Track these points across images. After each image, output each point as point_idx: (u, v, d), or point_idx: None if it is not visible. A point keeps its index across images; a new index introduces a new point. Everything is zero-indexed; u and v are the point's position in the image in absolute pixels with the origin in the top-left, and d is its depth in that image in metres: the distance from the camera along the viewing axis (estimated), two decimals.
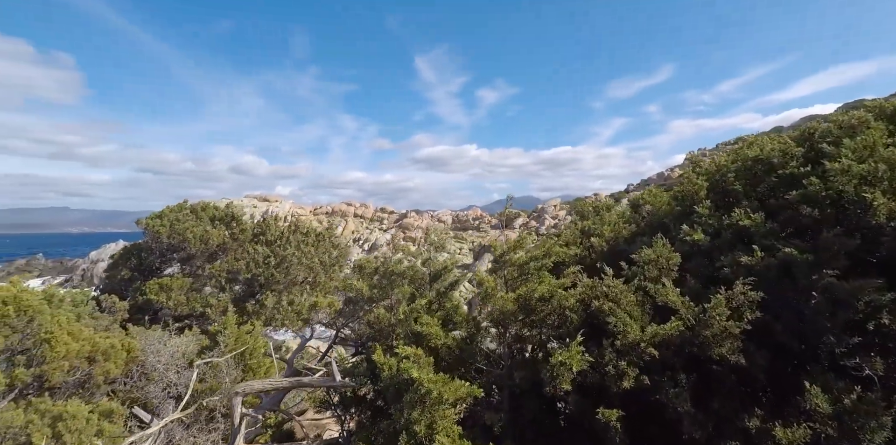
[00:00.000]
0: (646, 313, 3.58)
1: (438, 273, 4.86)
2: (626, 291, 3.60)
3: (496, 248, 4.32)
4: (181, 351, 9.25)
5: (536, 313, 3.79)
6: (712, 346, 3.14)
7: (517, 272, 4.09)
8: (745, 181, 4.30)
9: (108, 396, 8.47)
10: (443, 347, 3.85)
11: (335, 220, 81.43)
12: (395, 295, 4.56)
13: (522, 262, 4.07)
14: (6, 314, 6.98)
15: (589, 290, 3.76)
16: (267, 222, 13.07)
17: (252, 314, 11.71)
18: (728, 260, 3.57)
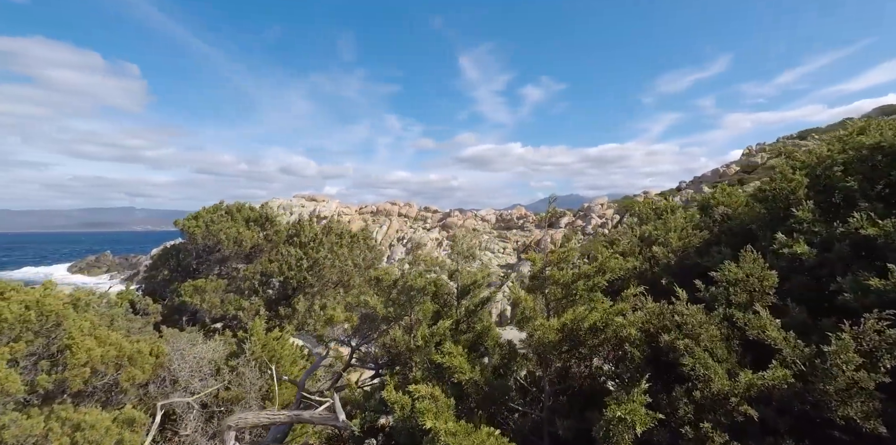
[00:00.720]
0: (733, 351, 2.71)
1: (467, 288, 4.11)
2: (707, 322, 2.74)
3: (534, 262, 3.53)
4: (207, 356, 8.92)
5: (586, 345, 2.99)
6: (834, 405, 2.26)
7: (562, 292, 3.29)
8: (861, 176, 3.32)
9: (132, 403, 8.24)
10: (468, 383, 3.12)
11: (380, 219, 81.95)
12: (416, 313, 3.88)
13: (569, 281, 3.26)
14: (28, 318, 6.81)
15: (655, 319, 2.92)
16: (301, 223, 12.70)
17: (284, 317, 11.36)
18: (849, 283, 2.65)
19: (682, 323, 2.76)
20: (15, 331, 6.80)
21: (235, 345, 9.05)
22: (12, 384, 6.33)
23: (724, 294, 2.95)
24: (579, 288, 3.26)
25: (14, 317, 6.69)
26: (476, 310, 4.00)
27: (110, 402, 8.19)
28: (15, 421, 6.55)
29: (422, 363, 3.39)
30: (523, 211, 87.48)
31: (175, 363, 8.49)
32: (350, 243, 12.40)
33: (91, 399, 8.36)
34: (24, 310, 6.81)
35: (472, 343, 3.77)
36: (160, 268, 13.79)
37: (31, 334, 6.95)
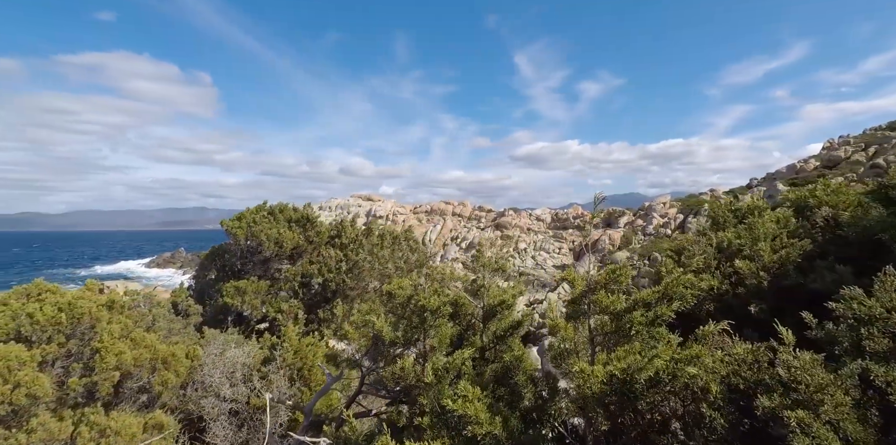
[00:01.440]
0: (869, 427, 1.81)
1: (494, 309, 3.37)
2: (831, 384, 1.86)
3: (575, 283, 2.71)
4: (241, 361, 8.64)
5: (644, 401, 2.19)
6: None
7: (612, 324, 2.48)
8: None
9: (163, 408, 8.08)
10: (487, 438, 2.38)
11: (434, 219, 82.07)
12: (431, 338, 3.19)
13: (621, 310, 2.45)
14: (59, 321, 6.74)
15: (747, 370, 2.07)
16: (343, 223, 12.34)
17: (323, 321, 11.02)
18: None
19: (791, 380, 1.90)
20: (47, 333, 6.75)
21: (269, 351, 8.72)
22: (39, 387, 6.23)
23: (852, 336, 2.04)
24: (635, 321, 2.44)
25: (46, 319, 6.63)
26: (505, 336, 3.25)
27: (143, 405, 8.08)
28: (43, 425, 6.46)
29: (431, 405, 2.71)
30: (580, 210, 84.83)
31: (206, 367, 8.27)
32: (392, 244, 11.88)
33: (128, 401, 8.28)
34: (56, 312, 6.74)
35: (498, 376, 3.04)
36: (208, 268, 13.88)
37: (62, 336, 6.89)
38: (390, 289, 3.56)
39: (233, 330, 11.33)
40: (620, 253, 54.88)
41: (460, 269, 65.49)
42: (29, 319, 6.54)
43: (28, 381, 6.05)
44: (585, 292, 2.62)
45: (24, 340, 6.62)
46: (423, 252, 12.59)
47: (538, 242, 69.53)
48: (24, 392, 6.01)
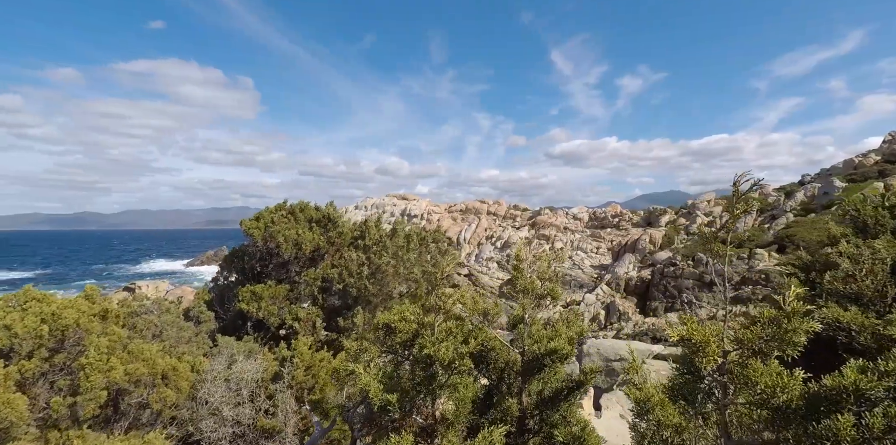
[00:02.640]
0: None
1: (539, 360, 2.24)
2: None
3: (701, 345, 1.54)
4: (248, 377, 7.77)
5: None
6: None
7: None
8: None
9: (164, 428, 7.29)
10: None
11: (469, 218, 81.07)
12: (442, 404, 2.13)
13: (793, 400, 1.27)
14: (41, 333, 6.02)
15: None
16: (367, 223, 11.38)
17: (344, 330, 10.09)
18: None
19: None
20: (27, 347, 6.04)
21: (278, 365, 7.82)
22: (12, 410, 5.50)
23: None
24: None
25: (26, 332, 5.92)
26: (556, 400, 2.15)
27: (139, 425, 7.33)
28: None
29: None
30: (618, 208, 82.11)
31: (207, 383, 7.42)
32: (419, 246, 10.84)
33: (127, 418, 7.54)
34: (38, 324, 6.03)
35: None
36: (229, 270, 13.22)
37: (44, 351, 6.17)
38: (388, 321, 2.51)
39: (248, 338, 10.55)
40: (662, 253, 52.33)
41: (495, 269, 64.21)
42: (7, 331, 5.83)
43: (1, 402, 5.32)
44: (722, 365, 1.47)
45: (2, 355, 5.93)
46: (455, 255, 11.50)
47: (575, 241, 67.47)
48: None
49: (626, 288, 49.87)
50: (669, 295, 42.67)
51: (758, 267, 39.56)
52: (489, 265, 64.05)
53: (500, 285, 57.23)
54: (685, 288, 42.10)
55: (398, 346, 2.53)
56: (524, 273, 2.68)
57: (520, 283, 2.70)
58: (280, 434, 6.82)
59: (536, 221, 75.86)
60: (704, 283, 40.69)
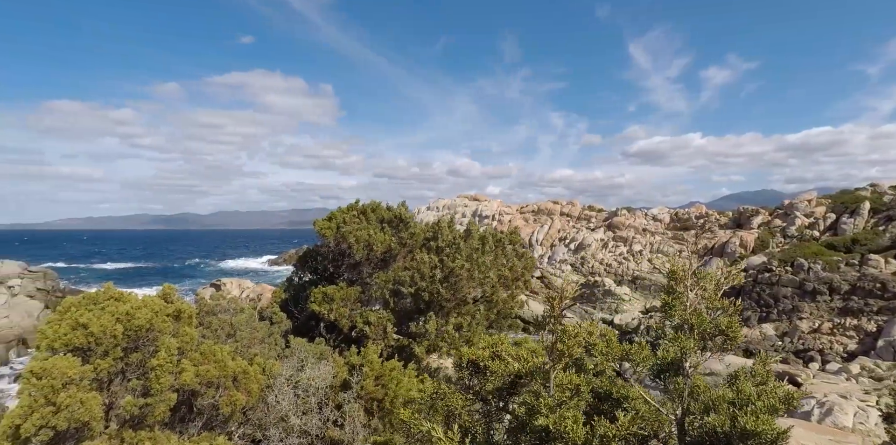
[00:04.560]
0: None
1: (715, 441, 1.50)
2: None
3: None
4: (316, 384, 7.45)
5: None
6: None
7: None
8: None
9: (231, 432, 7.14)
10: None
11: (541, 219, 79.35)
12: None
13: None
14: (115, 333, 6.01)
15: None
16: (439, 224, 10.87)
17: (416, 336, 9.62)
18: None
19: None
20: (102, 347, 6.06)
21: (347, 373, 7.43)
22: (86, 410, 5.47)
23: None
24: None
25: (101, 331, 5.92)
26: None
27: (212, 426, 7.23)
28: None
29: None
30: (703, 209, 76.92)
31: (276, 390, 7.17)
32: (495, 249, 10.16)
33: (200, 419, 7.48)
34: (113, 323, 6.03)
35: None
36: (302, 270, 13.24)
37: (119, 350, 6.16)
38: (475, 357, 1.85)
39: (321, 340, 10.36)
40: (755, 257, 47.99)
41: (569, 271, 62.12)
42: (84, 330, 5.85)
43: (71, 403, 5.29)
44: None
45: (82, 352, 5.99)
46: (532, 258, 10.70)
47: (655, 244, 63.80)
48: (66, 415, 5.26)
49: None
50: (764, 304, 38.93)
51: (872, 274, 35.01)
52: (562, 267, 62.07)
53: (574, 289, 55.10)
54: (782, 297, 38.20)
55: (490, 395, 1.89)
56: (684, 298, 1.93)
57: (677, 314, 1.94)
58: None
59: (613, 222, 72.72)
60: (806, 291, 36.66)
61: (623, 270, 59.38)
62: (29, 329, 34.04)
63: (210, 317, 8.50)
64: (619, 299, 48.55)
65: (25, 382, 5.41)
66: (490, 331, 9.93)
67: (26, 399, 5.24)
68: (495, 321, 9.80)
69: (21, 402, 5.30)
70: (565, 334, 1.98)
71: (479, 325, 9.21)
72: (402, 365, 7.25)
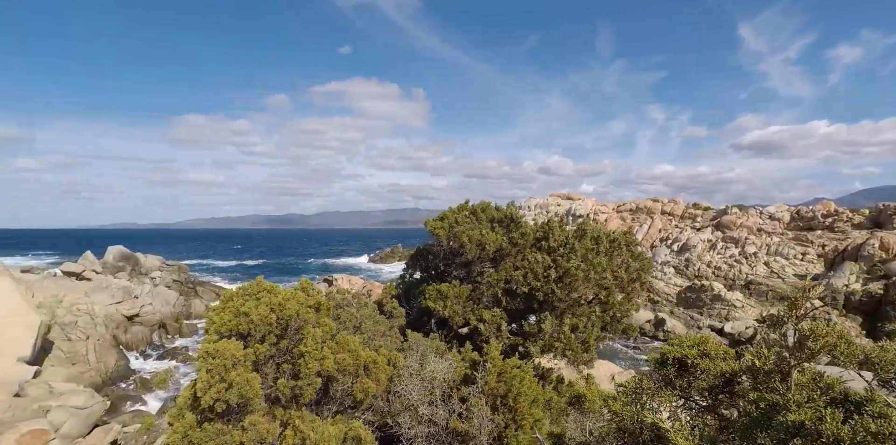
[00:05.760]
0: None
1: None
2: None
3: None
4: (440, 377, 7.80)
5: None
6: None
7: None
8: None
9: (362, 418, 7.68)
10: None
11: (640, 218, 75.60)
12: None
13: None
14: (270, 321, 6.74)
15: None
16: (550, 224, 10.83)
17: (529, 336, 9.69)
18: None
19: None
20: (260, 333, 6.83)
21: (469, 368, 7.70)
22: (250, 388, 6.21)
23: None
24: None
25: (259, 319, 6.69)
26: None
27: (342, 412, 7.83)
28: (254, 425, 6.48)
29: None
30: (832, 206, 68.66)
31: (405, 380, 7.62)
32: (609, 250, 9.94)
33: (334, 403, 8.14)
34: (268, 312, 6.77)
35: None
36: (413, 268, 13.83)
37: (273, 337, 6.91)
38: (681, 354, 1.87)
39: (435, 336, 10.78)
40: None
41: (671, 274, 58.45)
42: (245, 317, 6.65)
43: (240, 381, 6.05)
44: None
45: (243, 337, 6.80)
46: (648, 259, 10.32)
47: (773, 245, 58.11)
48: (236, 391, 6.02)
49: (847, 304, 41.23)
50: None
51: None
52: (665, 269, 58.61)
53: (678, 292, 51.97)
54: None
55: (699, 393, 1.91)
56: None
57: None
58: (473, 440, 6.66)
59: (721, 221, 67.40)
60: None
61: (734, 274, 54.80)
62: (168, 315, 38.77)
63: (339, 310, 9.21)
64: (730, 305, 44.86)
65: (202, 361, 6.27)
66: (604, 334, 9.74)
67: (204, 376, 6.07)
68: (610, 324, 9.59)
69: (200, 377, 6.16)
70: (813, 334, 1.95)
71: (594, 327, 9.08)
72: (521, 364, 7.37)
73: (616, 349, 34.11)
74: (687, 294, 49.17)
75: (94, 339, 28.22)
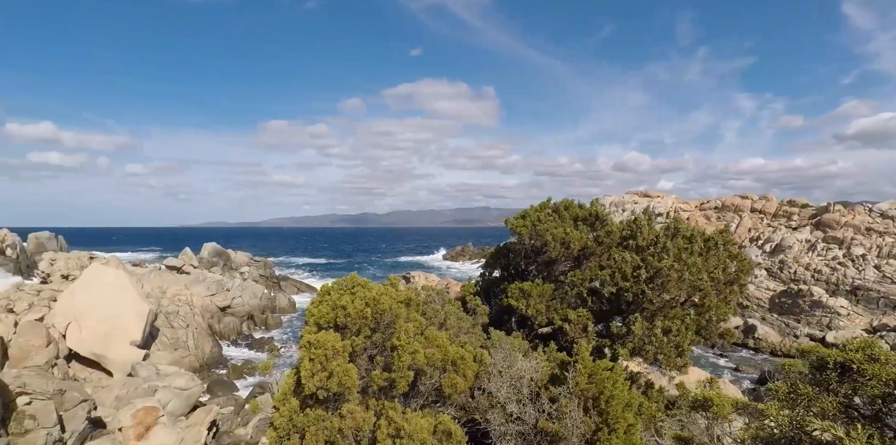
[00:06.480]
0: None
1: None
2: None
3: None
4: (527, 376, 7.76)
5: None
6: None
7: None
8: None
9: (450, 413, 7.78)
10: None
11: (726, 216, 70.93)
12: None
13: None
14: (365, 315, 7.01)
15: None
16: (637, 222, 10.43)
17: (617, 337, 9.39)
18: None
19: None
20: (356, 326, 7.12)
21: (557, 368, 7.59)
22: (349, 378, 6.50)
23: None
24: None
25: (356, 312, 6.98)
26: None
27: (428, 406, 7.98)
28: (351, 413, 6.77)
29: None
30: None
31: (494, 377, 7.65)
32: (704, 249, 9.40)
33: (421, 397, 8.33)
34: (363, 306, 7.05)
35: None
36: (493, 266, 13.84)
37: (367, 330, 7.18)
38: (842, 358, 1.72)
39: (517, 334, 10.73)
40: None
41: (763, 277, 54.30)
42: (343, 311, 6.97)
43: (340, 371, 6.36)
44: None
45: (340, 329, 7.13)
46: (749, 260, 9.65)
47: (885, 247, 52.40)
48: (337, 380, 6.33)
49: None
50: None
51: None
52: (755, 272, 54.50)
53: (770, 297, 48.20)
54: None
55: (866, 401, 1.75)
56: None
57: None
58: (564, 441, 6.57)
59: (822, 220, 61.72)
60: None
61: (838, 278, 49.96)
62: (255, 307, 41.47)
63: (424, 306, 9.41)
64: (833, 313, 40.86)
65: (304, 350, 6.67)
66: (699, 338, 9.24)
67: (307, 364, 6.45)
68: (705, 328, 9.08)
69: (303, 365, 6.55)
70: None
71: (688, 331, 8.63)
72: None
73: (697, 355, 32.22)
74: (781, 299, 45.49)
75: (192, 328, 30.80)
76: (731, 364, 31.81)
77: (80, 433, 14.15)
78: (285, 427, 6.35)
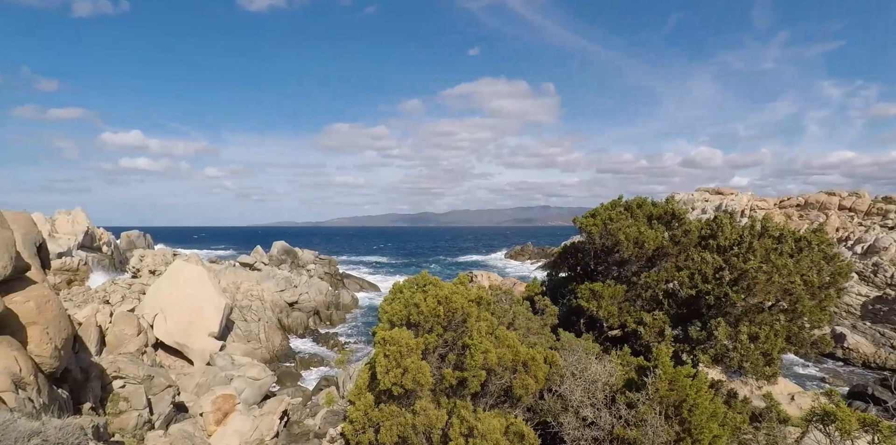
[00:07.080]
0: None
1: None
2: None
3: None
4: (602, 380, 7.50)
5: None
6: None
7: None
8: None
9: (522, 414, 7.65)
10: None
11: (809, 214, 65.92)
12: None
13: None
14: (438, 313, 7.03)
15: None
16: (719, 220, 9.83)
17: (696, 342, 8.89)
18: None
19: None
20: (429, 324, 7.17)
21: (635, 373, 7.29)
22: (423, 375, 6.55)
23: None
24: None
25: (428, 310, 7.02)
26: None
27: (497, 406, 7.89)
28: (424, 410, 6.82)
29: None
30: None
31: (567, 380, 7.45)
32: (795, 250, 8.70)
33: (491, 397, 8.27)
34: (436, 304, 7.09)
35: None
36: (560, 266, 13.54)
37: (440, 328, 7.21)
38: None
39: (587, 336, 10.44)
40: None
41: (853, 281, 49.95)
42: (416, 308, 7.04)
43: (414, 368, 6.42)
44: None
45: (412, 327, 7.21)
46: (847, 263, 8.84)
47: None
48: (411, 377, 6.40)
49: None
50: None
51: None
52: None
53: (862, 303, 44.21)
54: None
55: None
56: None
57: None
58: None
59: None
60: None
61: None
62: (321, 303, 43.03)
63: (494, 306, 9.34)
64: None
65: (379, 346, 6.80)
66: (789, 346, 8.57)
67: (382, 360, 6.57)
68: (796, 335, 8.41)
69: (378, 361, 6.67)
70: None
71: (778, 337, 8.02)
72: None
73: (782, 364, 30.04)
74: (875, 305, 41.66)
75: (264, 321, 32.40)
76: (818, 374, 29.50)
77: (165, 416, 15.25)
78: (361, 420, 6.50)
